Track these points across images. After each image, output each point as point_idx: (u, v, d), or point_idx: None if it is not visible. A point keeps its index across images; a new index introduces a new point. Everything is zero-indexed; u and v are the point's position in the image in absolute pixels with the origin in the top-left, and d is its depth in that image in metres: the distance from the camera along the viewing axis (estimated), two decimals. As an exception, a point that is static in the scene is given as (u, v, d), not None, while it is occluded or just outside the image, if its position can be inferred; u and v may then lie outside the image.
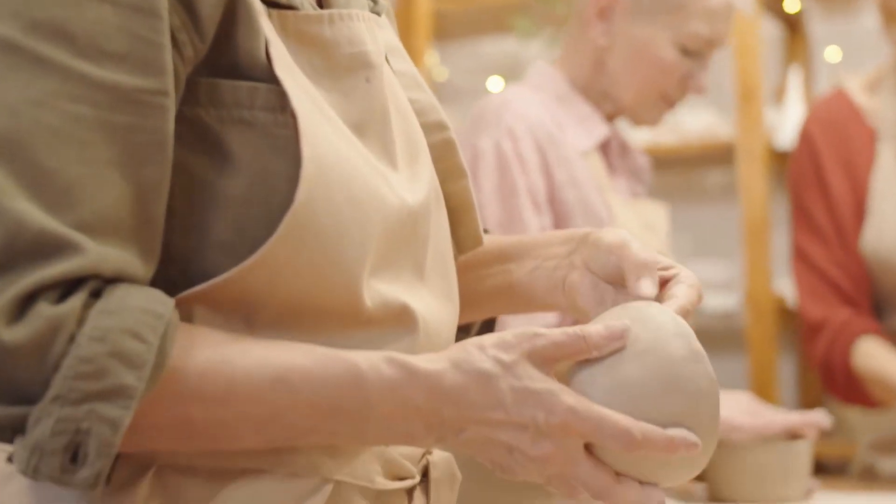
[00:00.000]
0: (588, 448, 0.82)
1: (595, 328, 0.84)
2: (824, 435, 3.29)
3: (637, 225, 1.66)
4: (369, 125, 0.90)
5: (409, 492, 0.94)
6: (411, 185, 0.92)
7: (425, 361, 0.81)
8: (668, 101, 1.68)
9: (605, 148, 1.71)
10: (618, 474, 0.83)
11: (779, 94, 3.37)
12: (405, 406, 0.80)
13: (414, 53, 3.43)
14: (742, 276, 3.24)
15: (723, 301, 3.25)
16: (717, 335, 3.54)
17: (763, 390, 3.09)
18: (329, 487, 0.85)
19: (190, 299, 0.81)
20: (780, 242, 3.46)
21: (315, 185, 0.81)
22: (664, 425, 0.81)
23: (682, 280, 0.94)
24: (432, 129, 1.02)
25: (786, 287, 3.19)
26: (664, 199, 3.62)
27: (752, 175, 3.18)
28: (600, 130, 1.67)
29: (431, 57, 3.49)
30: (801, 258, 2.17)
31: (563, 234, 1.03)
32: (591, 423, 0.80)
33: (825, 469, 2.79)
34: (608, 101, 1.70)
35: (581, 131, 1.65)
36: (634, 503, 0.83)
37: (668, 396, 0.82)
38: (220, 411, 0.78)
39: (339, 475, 0.86)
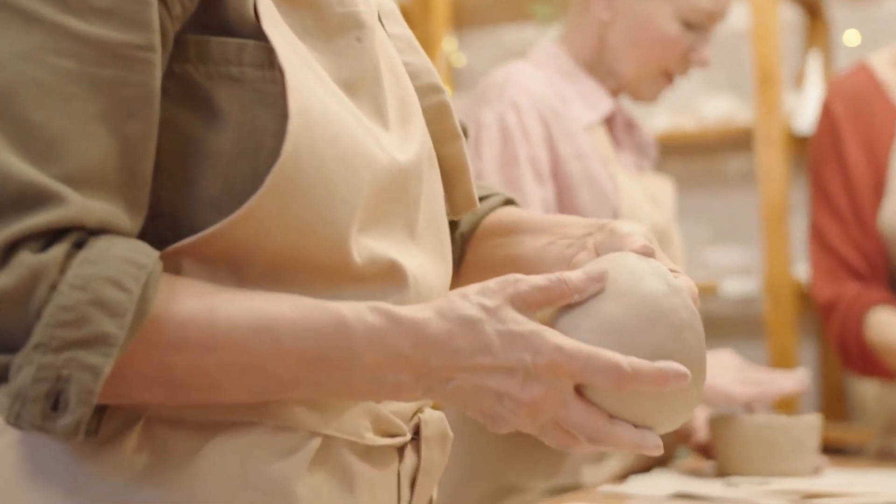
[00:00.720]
0: (579, 392, 0.81)
1: (574, 273, 0.84)
2: (843, 421, 3.29)
3: (642, 198, 1.66)
4: (360, 85, 0.91)
5: (401, 450, 0.94)
6: (403, 144, 0.93)
7: (410, 311, 0.81)
8: (669, 77, 1.68)
9: (609, 123, 1.71)
10: (611, 416, 0.82)
11: (798, 79, 3.35)
12: (391, 355, 0.80)
13: (432, 40, 3.43)
14: (761, 261, 3.23)
15: (742, 287, 3.24)
16: (736, 321, 3.53)
17: (782, 376, 3.07)
18: (317, 441, 0.86)
19: (178, 253, 0.82)
20: (800, 228, 3.45)
21: (302, 139, 0.81)
22: (651, 360, 0.81)
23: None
24: (426, 91, 1.03)
25: (805, 272, 3.18)
26: (685, 186, 3.63)
27: (771, 160, 3.17)
28: (605, 105, 1.67)
29: (450, 43, 3.49)
30: (817, 238, 2.15)
31: (587, 220, 1.03)
32: (579, 361, 0.79)
33: (844, 453, 2.78)
34: (612, 76, 1.70)
35: (585, 106, 1.65)
36: (630, 444, 0.82)
37: (651, 330, 0.82)
38: (202, 359, 0.78)
39: (327, 430, 0.87)
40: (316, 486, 0.85)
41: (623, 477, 1.58)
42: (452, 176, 1.05)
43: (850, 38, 3.08)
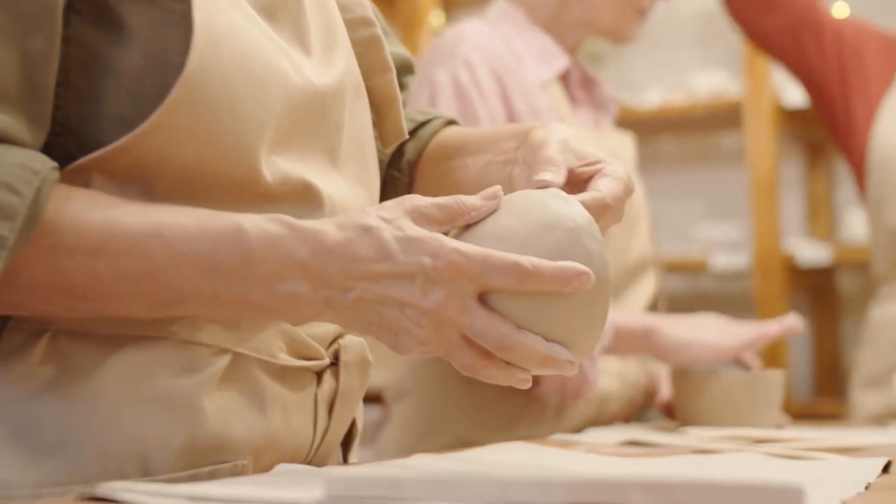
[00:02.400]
0: (484, 302, 0.81)
1: (469, 196, 0.84)
2: (836, 395, 3.27)
3: (601, 152, 1.65)
4: (281, 10, 0.91)
5: (319, 374, 0.95)
6: (323, 70, 0.93)
7: (309, 222, 0.81)
8: (642, 13, 1.69)
9: (565, 79, 1.71)
10: (520, 328, 0.81)
11: (789, 53, 3.33)
12: (287, 262, 0.79)
13: (419, 15, 3.44)
14: (750, 236, 3.22)
15: (732, 261, 3.23)
16: (727, 296, 3.52)
17: (772, 349, 3.07)
18: (226, 358, 0.86)
19: (87, 169, 0.82)
20: (791, 202, 3.44)
21: (207, 54, 0.81)
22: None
23: (607, 174, 0.94)
24: (357, 24, 1.03)
25: (796, 246, 3.17)
26: (676, 162, 3.62)
27: (760, 133, 3.16)
28: (560, 62, 1.67)
29: (437, 17, 3.49)
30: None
31: (513, 129, 1.03)
32: (478, 262, 0.79)
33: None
34: (575, 30, 1.70)
35: (540, 62, 1.65)
36: (541, 356, 0.81)
37: (547, 234, 0.82)
38: (94, 264, 0.78)
39: (238, 348, 0.87)
40: (224, 403, 0.86)
41: (580, 430, 1.57)
42: (382, 108, 1.06)
43: (840, 9, 3.06)
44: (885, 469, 1.00)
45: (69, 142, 0.83)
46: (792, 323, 1.61)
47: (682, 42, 3.64)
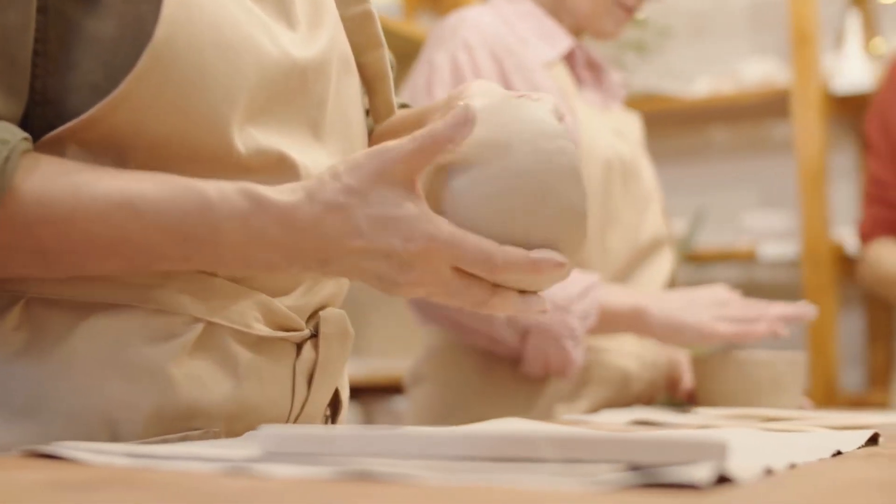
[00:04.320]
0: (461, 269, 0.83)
1: (437, 124, 0.82)
2: (889, 387, 3.22)
3: (605, 130, 1.65)
4: None
5: (299, 346, 0.96)
6: (306, 43, 0.94)
7: (279, 193, 0.82)
8: (625, 7, 1.66)
9: (570, 61, 1.70)
10: (496, 286, 0.84)
11: (839, 40, 3.30)
12: (257, 238, 0.81)
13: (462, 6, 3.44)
14: (799, 225, 3.19)
15: (781, 250, 3.20)
16: (776, 286, 3.49)
17: (822, 338, 3.03)
18: (199, 327, 0.88)
19: (63, 139, 0.84)
20: (840, 190, 3.39)
21: (177, 24, 0.83)
22: (533, 232, 0.82)
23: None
24: (350, 1, 1.05)
25: (845, 235, 3.13)
26: (727, 152, 3.59)
27: (808, 120, 3.12)
28: (564, 43, 1.66)
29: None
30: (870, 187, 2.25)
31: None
32: (451, 250, 0.80)
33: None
34: (570, 16, 1.70)
35: (544, 44, 1.65)
36: (515, 310, 0.84)
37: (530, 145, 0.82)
38: (65, 231, 0.81)
39: (210, 317, 0.88)
40: (195, 371, 0.87)
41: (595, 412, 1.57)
42: (374, 84, 1.07)
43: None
44: (875, 442, 0.99)
45: (48, 111, 0.85)
46: (799, 310, 1.56)
47: (729, 30, 3.61)
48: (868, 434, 0.99)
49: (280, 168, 0.90)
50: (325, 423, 1.04)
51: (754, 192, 3.56)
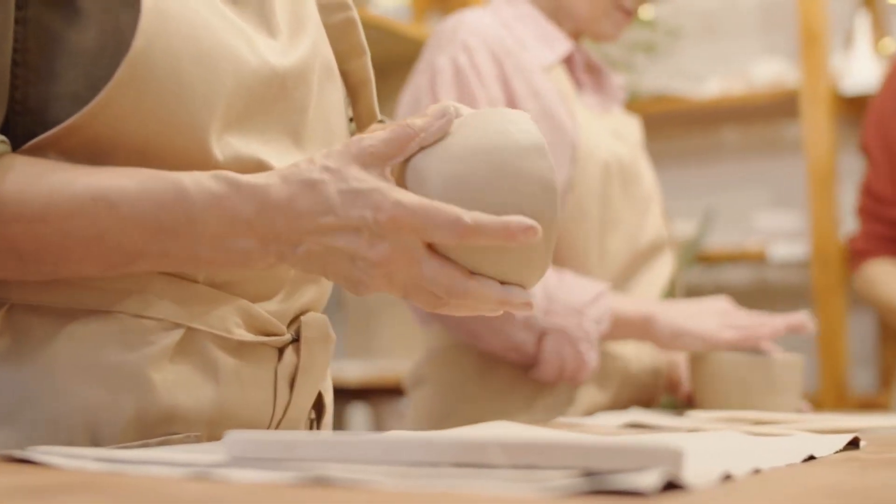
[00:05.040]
0: (435, 250, 0.83)
1: (417, 117, 0.84)
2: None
3: (604, 132, 1.65)
4: None
5: (281, 350, 0.97)
6: (286, 51, 0.95)
7: (253, 177, 0.83)
8: (624, 10, 1.67)
9: (570, 64, 1.71)
10: (473, 274, 0.83)
11: (848, 40, 3.29)
12: (233, 221, 0.82)
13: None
14: (808, 225, 3.18)
15: (791, 251, 3.20)
16: (786, 287, 3.48)
17: (833, 341, 3.03)
18: (178, 332, 0.89)
19: (43, 147, 0.86)
20: (850, 190, 3.39)
21: (155, 34, 0.84)
22: (501, 206, 0.81)
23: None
24: (333, 9, 1.06)
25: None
26: (737, 152, 3.59)
27: (817, 121, 3.12)
28: (563, 46, 1.67)
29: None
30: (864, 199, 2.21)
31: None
32: (419, 216, 0.80)
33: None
34: (570, 19, 1.70)
35: (544, 47, 1.66)
36: (496, 299, 0.83)
37: (493, 155, 0.82)
38: (41, 229, 0.82)
39: (190, 323, 0.90)
40: (174, 376, 0.88)
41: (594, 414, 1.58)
42: (357, 90, 1.08)
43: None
44: (856, 445, 1.00)
45: (28, 120, 0.87)
46: (800, 320, 1.57)
47: (739, 31, 3.60)
48: (847, 438, 0.99)
49: None
50: (310, 426, 1.05)
51: (764, 192, 3.56)
